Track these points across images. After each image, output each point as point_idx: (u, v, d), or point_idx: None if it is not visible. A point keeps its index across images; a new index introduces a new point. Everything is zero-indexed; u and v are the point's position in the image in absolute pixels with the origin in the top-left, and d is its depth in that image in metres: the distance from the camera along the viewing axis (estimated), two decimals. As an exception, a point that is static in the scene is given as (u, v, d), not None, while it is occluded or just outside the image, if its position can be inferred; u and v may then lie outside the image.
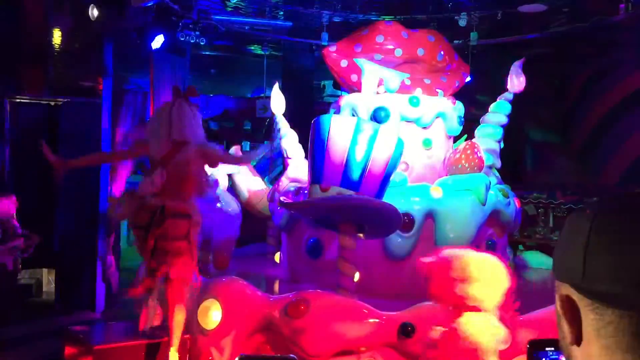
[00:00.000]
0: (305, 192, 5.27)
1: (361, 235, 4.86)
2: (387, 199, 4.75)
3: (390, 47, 6.65)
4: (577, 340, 0.97)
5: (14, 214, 7.11)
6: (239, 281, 4.93)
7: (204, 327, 4.73)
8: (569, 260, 0.97)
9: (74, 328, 4.87)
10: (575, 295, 0.96)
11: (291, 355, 1.26)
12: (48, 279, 8.96)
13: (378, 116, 6.03)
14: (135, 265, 6.44)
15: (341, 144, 4.41)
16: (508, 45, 8.47)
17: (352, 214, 4.49)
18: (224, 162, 5.46)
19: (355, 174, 4.36)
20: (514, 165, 9.16)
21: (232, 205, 6.37)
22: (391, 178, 4.71)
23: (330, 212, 4.61)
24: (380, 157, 4.43)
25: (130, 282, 6.36)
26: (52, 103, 8.51)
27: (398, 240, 5.43)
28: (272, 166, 9.26)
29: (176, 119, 4.65)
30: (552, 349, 1.34)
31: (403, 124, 6.19)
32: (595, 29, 7.88)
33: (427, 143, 6.31)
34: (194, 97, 4.94)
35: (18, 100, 8.41)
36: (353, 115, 6.26)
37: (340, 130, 4.46)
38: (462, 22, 8.02)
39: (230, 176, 7.02)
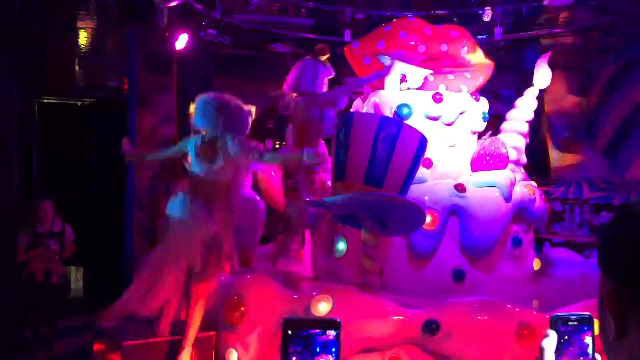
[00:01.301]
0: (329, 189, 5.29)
1: (384, 232, 4.85)
2: (410, 195, 4.74)
3: (413, 43, 6.61)
4: (620, 334, 0.97)
5: (52, 218, 6.52)
6: (264, 278, 4.96)
7: (230, 324, 4.77)
8: (621, 254, 0.96)
9: (102, 324, 4.95)
10: (624, 289, 0.95)
11: (336, 318, 1.27)
12: (76, 276, 9.12)
13: (401, 113, 6.01)
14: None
15: (364, 141, 4.41)
16: (533, 39, 8.37)
17: (375, 211, 4.48)
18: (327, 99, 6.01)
19: (379, 171, 4.36)
20: (540, 161, 9.05)
21: (256, 202, 6.40)
22: (415, 175, 4.69)
23: (354, 209, 4.61)
24: (403, 154, 4.42)
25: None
26: (79, 103, 8.65)
27: (422, 238, 5.41)
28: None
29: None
30: (575, 323, 1.32)
31: (426, 121, 6.17)
32: (622, 22, 7.74)
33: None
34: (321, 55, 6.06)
35: (46, 102, 8.57)
36: (375, 112, 6.26)
37: (363, 127, 4.47)
38: (486, 17, 7.94)
39: (254, 174, 7.05)
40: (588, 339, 1.32)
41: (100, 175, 8.35)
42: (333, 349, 1.34)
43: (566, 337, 1.30)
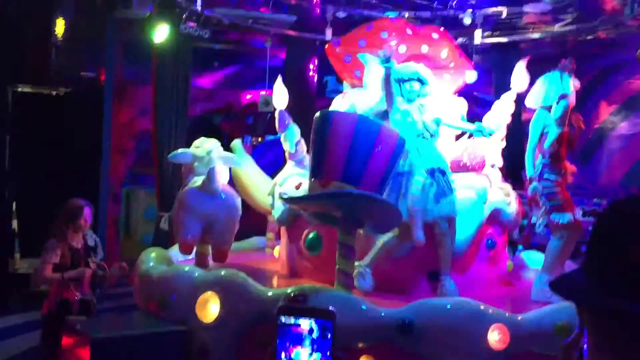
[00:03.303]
0: (306, 186, 5.27)
1: (361, 231, 4.85)
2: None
3: (395, 43, 6.63)
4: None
5: (88, 226, 5.13)
6: (238, 274, 4.92)
7: (203, 320, 4.73)
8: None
9: (71, 318, 4.87)
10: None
11: (331, 308, 1.26)
12: (47, 269, 8.96)
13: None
14: (135, 257, 6.44)
15: (342, 139, 4.40)
16: (512, 44, 8.44)
17: (352, 209, 4.48)
18: None
19: (356, 169, 4.35)
20: (515, 164, 9.13)
21: (233, 198, 6.36)
22: (392, 175, 4.70)
23: (330, 207, 4.60)
24: (381, 154, 4.43)
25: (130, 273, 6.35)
26: (54, 93, 8.50)
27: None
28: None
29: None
30: None
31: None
32: (600, 29, 7.86)
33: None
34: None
35: (20, 90, 8.40)
36: (355, 111, 6.26)
37: (342, 126, 4.46)
38: (467, 20, 7.99)
39: (230, 170, 7.02)
40: None
41: (74, 167, 8.22)
42: (307, 342, 1.33)
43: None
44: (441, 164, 5.36)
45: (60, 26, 8.05)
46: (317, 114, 4.74)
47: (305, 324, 1.37)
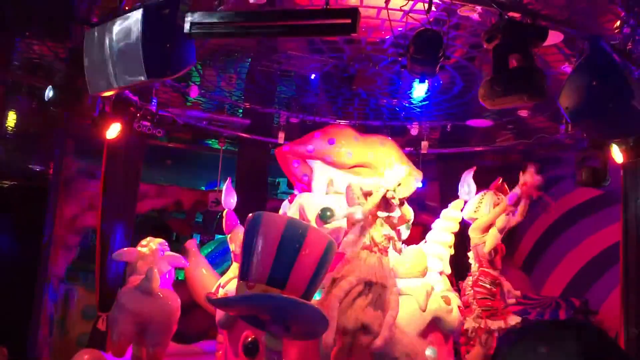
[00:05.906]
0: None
1: (287, 335, 4.73)
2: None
3: (342, 149, 6.83)
4: None
5: None
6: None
7: None
8: None
9: None
10: None
11: None
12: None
13: (323, 216, 6.11)
14: (68, 358, 6.11)
15: (270, 241, 4.39)
16: (457, 155, 8.78)
17: (278, 313, 4.39)
18: None
19: (282, 273, 4.31)
20: (462, 272, 9.20)
21: (170, 299, 6.20)
22: (320, 279, 4.66)
23: (258, 310, 4.51)
24: (308, 258, 4.41)
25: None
26: (-2, 185, 8.38)
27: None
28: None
29: None
30: None
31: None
32: (537, 146, 8.26)
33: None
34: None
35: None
36: (300, 215, 6.33)
37: (270, 228, 4.47)
38: (414, 131, 8.32)
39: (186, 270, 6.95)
40: None
41: (12, 262, 7.98)
42: None
43: None
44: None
45: (10, 119, 8.06)
46: (250, 215, 4.74)
47: None
